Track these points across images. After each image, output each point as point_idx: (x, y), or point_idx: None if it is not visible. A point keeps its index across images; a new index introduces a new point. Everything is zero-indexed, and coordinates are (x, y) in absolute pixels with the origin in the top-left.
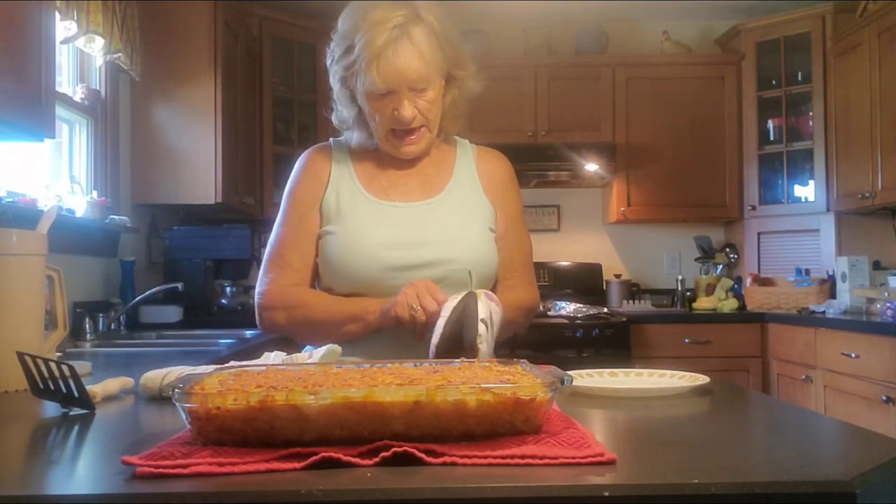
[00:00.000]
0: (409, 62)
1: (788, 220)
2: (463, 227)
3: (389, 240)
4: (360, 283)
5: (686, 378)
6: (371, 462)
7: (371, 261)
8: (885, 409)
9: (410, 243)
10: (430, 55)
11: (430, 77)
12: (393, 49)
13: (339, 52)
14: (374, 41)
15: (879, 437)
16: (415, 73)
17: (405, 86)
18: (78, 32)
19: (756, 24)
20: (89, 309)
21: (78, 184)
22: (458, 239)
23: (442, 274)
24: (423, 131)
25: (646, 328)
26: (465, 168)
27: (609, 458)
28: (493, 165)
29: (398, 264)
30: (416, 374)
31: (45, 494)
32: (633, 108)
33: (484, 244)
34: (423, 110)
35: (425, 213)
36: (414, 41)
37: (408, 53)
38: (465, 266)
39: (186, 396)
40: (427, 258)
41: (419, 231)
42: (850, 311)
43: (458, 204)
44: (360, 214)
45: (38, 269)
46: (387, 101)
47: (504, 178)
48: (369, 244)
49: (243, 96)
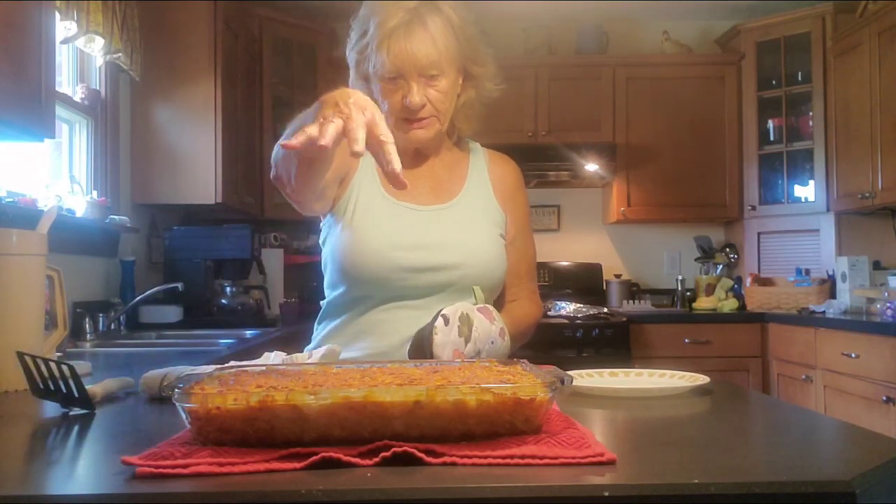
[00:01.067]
0: (421, 46)
1: (788, 220)
2: (475, 233)
3: (401, 241)
4: (367, 281)
5: (686, 378)
6: (371, 462)
7: (381, 259)
8: (885, 409)
9: (421, 245)
10: (442, 43)
11: (441, 65)
12: (405, 31)
13: (355, 37)
14: (387, 22)
15: (879, 437)
16: (425, 58)
17: (415, 70)
18: (78, 32)
19: (756, 24)
20: (89, 309)
21: (78, 184)
22: (470, 244)
23: (452, 278)
24: (431, 120)
25: (646, 328)
26: (478, 173)
27: (609, 458)
28: (504, 170)
29: (407, 266)
30: (416, 374)
31: (45, 494)
32: (633, 108)
33: (494, 250)
34: (434, 100)
35: (439, 218)
36: (427, 27)
37: (420, 37)
38: (474, 271)
39: (186, 396)
40: (437, 261)
41: (431, 234)
42: (850, 311)
43: (470, 210)
44: (375, 212)
45: (38, 269)
46: (397, 86)
47: (514, 184)
48: (381, 242)
49: (243, 96)
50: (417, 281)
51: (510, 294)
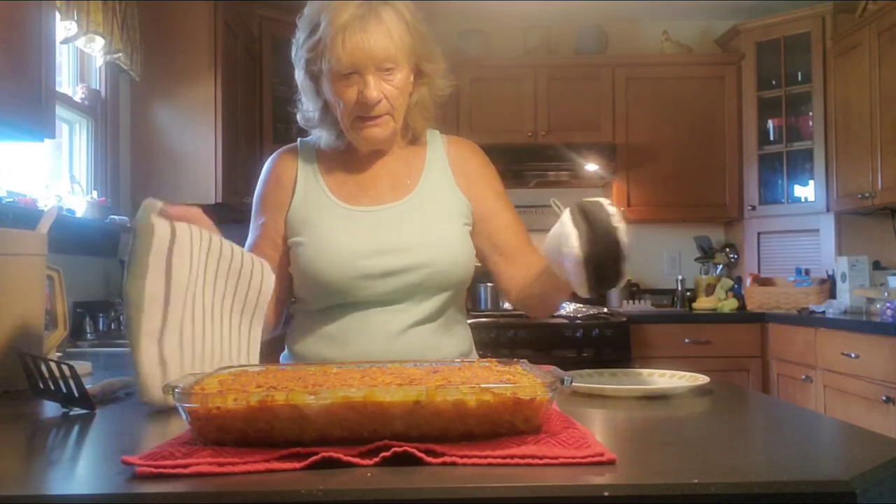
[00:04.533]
0: (377, 38)
1: (788, 220)
2: (436, 229)
3: (361, 248)
4: (334, 292)
5: (686, 378)
6: (371, 462)
7: (344, 270)
8: (885, 409)
9: (382, 250)
10: (398, 35)
11: (397, 58)
12: (360, 24)
13: (303, 35)
14: (340, 16)
15: (879, 437)
16: (382, 51)
17: (371, 64)
18: (78, 32)
19: (756, 24)
20: (89, 309)
21: (78, 184)
22: (433, 242)
23: (418, 279)
24: (386, 118)
25: (646, 328)
26: (436, 162)
27: (609, 459)
28: (464, 154)
29: (370, 273)
30: (416, 375)
31: (45, 494)
32: (633, 108)
33: (458, 243)
34: (390, 95)
35: (396, 217)
36: (382, 19)
37: (375, 28)
38: (441, 268)
39: (186, 396)
40: (400, 265)
41: (391, 236)
42: (850, 311)
43: (430, 203)
44: (328, 223)
45: (38, 269)
46: (351, 82)
47: (477, 165)
48: (341, 254)
49: (243, 96)
50: (384, 286)
51: (530, 261)
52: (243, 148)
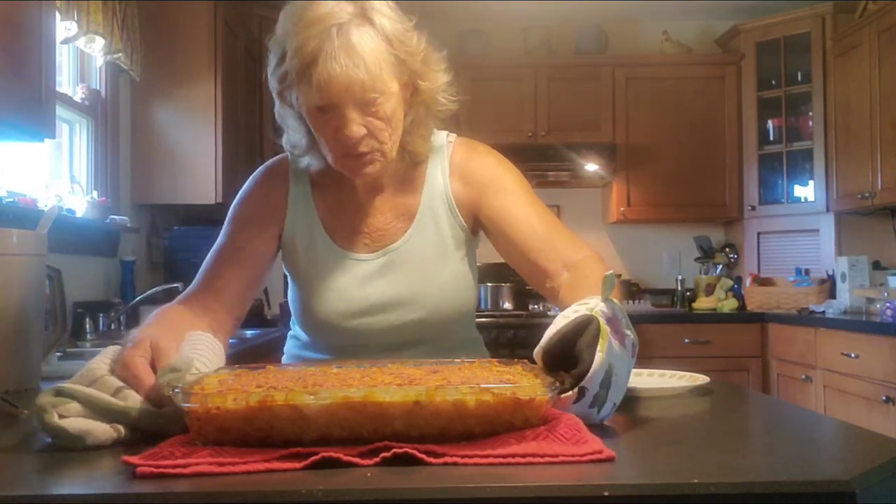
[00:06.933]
0: (350, 70)
1: (788, 220)
2: (435, 273)
3: (355, 308)
4: (329, 345)
5: (686, 378)
6: (371, 462)
7: (337, 329)
8: (885, 409)
9: (377, 307)
10: (374, 62)
11: (379, 87)
12: (328, 55)
13: (273, 61)
14: (307, 45)
15: (879, 437)
16: (358, 85)
17: (349, 100)
18: (78, 32)
19: (756, 24)
20: (89, 309)
21: (78, 184)
22: (431, 293)
23: (418, 328)
24: (375, 155)
25: (646, 328)
26: (436, 187)
27: (608, 455)
28: (470, 167)
29: (366, 330)
30: (415, 375)
31: (45, 494)
32: (633, 108)
33: (456, 284)
34: (375, 129)
35: (392, 266)
36: (354, 47)
37: (347, 60)
38: (440, 315)
39: (186, 396)
40: (398, 321)
41: (387, 289)
42: (849, 311)
43: (427, 241)
44: (326, 269)
45: (38, 269)
46: (329, 117)
47: (485, 177)
48: (334, 309)
49: (243, 96)
50: (382, 339)
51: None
52: (243, 148)
